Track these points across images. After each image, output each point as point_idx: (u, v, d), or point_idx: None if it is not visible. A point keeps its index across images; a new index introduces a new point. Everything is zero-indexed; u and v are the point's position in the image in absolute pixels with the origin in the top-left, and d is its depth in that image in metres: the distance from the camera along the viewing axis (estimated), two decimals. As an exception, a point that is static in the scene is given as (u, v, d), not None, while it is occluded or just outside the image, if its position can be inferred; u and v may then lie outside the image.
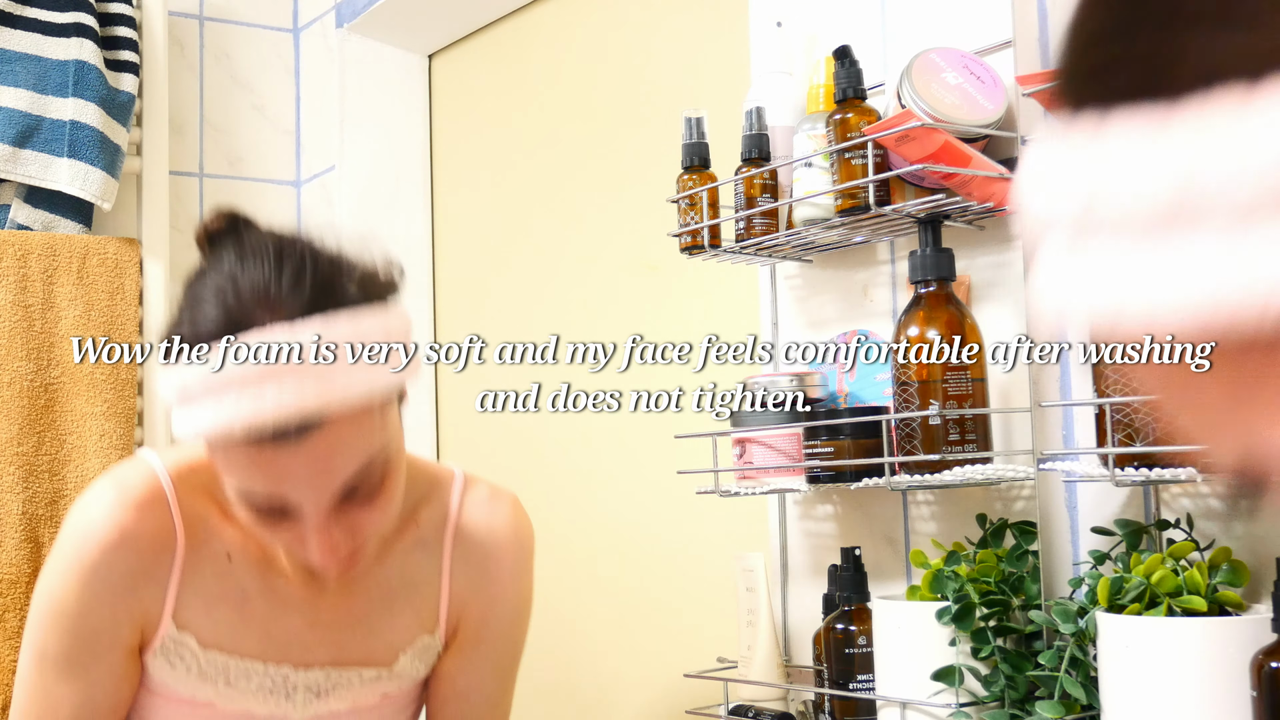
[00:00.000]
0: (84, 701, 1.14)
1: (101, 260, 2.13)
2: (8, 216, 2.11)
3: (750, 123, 1.42)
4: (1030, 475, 1.22)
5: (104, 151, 2.11)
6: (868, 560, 1.37)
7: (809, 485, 1.33)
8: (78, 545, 1.12)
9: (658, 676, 1.87)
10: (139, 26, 2.25)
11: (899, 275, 1.41)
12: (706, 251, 1.44)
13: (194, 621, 1.15)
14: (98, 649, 1.14)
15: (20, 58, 2.11)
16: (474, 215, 2.37)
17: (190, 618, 1.15)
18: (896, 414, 1.23)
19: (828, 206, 1.32)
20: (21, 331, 2.06)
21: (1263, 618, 0.97)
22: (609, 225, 2.02)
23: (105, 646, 1.14)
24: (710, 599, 1.76)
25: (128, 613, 1.13)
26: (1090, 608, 1.08)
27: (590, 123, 2.08)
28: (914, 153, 1.21)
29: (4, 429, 2.02)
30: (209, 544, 1.15)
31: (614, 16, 2.04)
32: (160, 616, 1.14)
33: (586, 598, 2.01)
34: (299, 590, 1.18)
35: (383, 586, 1.21)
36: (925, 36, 1.36)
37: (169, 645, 1.15)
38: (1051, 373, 1.24)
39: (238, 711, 1.17)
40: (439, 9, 2.29)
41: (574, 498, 2.05)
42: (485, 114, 2.35)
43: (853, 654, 1.28)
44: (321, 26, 2.47)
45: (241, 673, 1.17)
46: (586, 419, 2.03)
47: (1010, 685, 1.14)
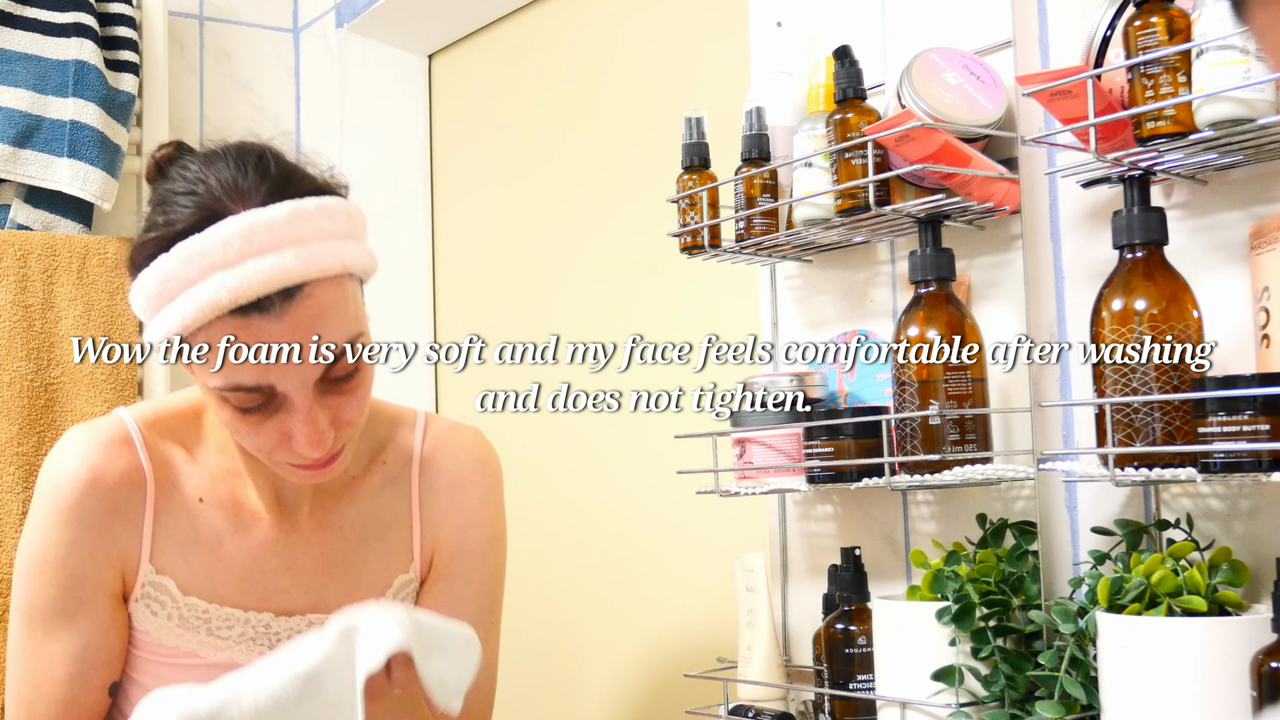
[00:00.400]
0: (76, 656, 1.15)
1: (101, 260, 2.13)
2: (8, 216, 2.11)
3: (750, 123, 1.42)
4: (1030, 475, 1.23)
5: (104, 151, 2.11)
6: (868, 560, 1.37)
7: (809, 485, 1.32)
8: (52, 491, 1.15)
9: (658, 676, 1.87)
10: (139, 26, 2.25)
11: (899, 275, 1.41)
12: (706, 251, 1.44)
13: (171, 565, 1.17)
14: (82, 596, 1.15)
15: (20, 58, 2.11)
16: (474, 215, 2.37)
17: (167, 562, 1.17)
18: (896, 414, 1.23)
19: (828, 206, 1.32)
20: (21, 331, 2.06)
21: (1263, 618, 0.97)
22: (609, 225, 2.02)
23: (89, 593, 1.15)
24: (710, 599, 1.76)
25: (106, 555, 1.16)
26: (1090, 608, 1.08)
27: (590, 123, 2.08)
28: (914, 153, 1.21)
29: (4, 429, 2.02)
30: (179, 487, 1.18)
31: (614, 17, 2.04)
32: (138, 559, 1.17)
33: (587, 597, 2.01)
34: (272, 531, 1.20)
35: (355, 526, 1.23)
36: (925, 36, 1.36)
37: (149, 591, 1.17)
38: (1051, 373, 1.24)
39: (223, 663, 1.18)
40: (439, 9, 2.29)
41: (574, 498, 2.05)
42: (485, 114, 2.35)
43: (853, 654, 1.28)
44: (321, 26, 2.47)
45: (223, 621, 1.18)
46: (586, 419, 2.03)
47: (1010, 685, 1.14)
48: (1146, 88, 1.03)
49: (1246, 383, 0.96)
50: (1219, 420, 0.96)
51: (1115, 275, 1.07)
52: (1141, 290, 1.05)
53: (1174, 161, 1.07)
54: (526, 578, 2.14)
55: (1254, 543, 1.08)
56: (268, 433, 1.07)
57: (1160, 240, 1.06)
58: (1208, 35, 0.99)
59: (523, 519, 2.17)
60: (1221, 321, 1.09)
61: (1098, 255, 1.21)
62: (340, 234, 1.06)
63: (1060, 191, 1.24)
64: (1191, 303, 1.05)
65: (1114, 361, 1.05)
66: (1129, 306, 1.05)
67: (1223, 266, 1.10)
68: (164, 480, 1.18)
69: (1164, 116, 1.03)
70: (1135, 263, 1.06)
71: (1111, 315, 1.06)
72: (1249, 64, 0.98)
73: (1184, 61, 1.02)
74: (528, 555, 2.15)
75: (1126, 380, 1.04)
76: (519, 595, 2.15)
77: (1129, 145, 1.08)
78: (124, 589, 1.18)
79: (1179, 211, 1.14)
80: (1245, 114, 0.99)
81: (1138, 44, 1.03)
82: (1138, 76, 1.04)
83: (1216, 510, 1.11)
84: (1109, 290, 1.07)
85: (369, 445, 1.26)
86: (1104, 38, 1.15)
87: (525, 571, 2.15)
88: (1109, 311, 1.06)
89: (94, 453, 1.16)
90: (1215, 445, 0.97)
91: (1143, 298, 1.05)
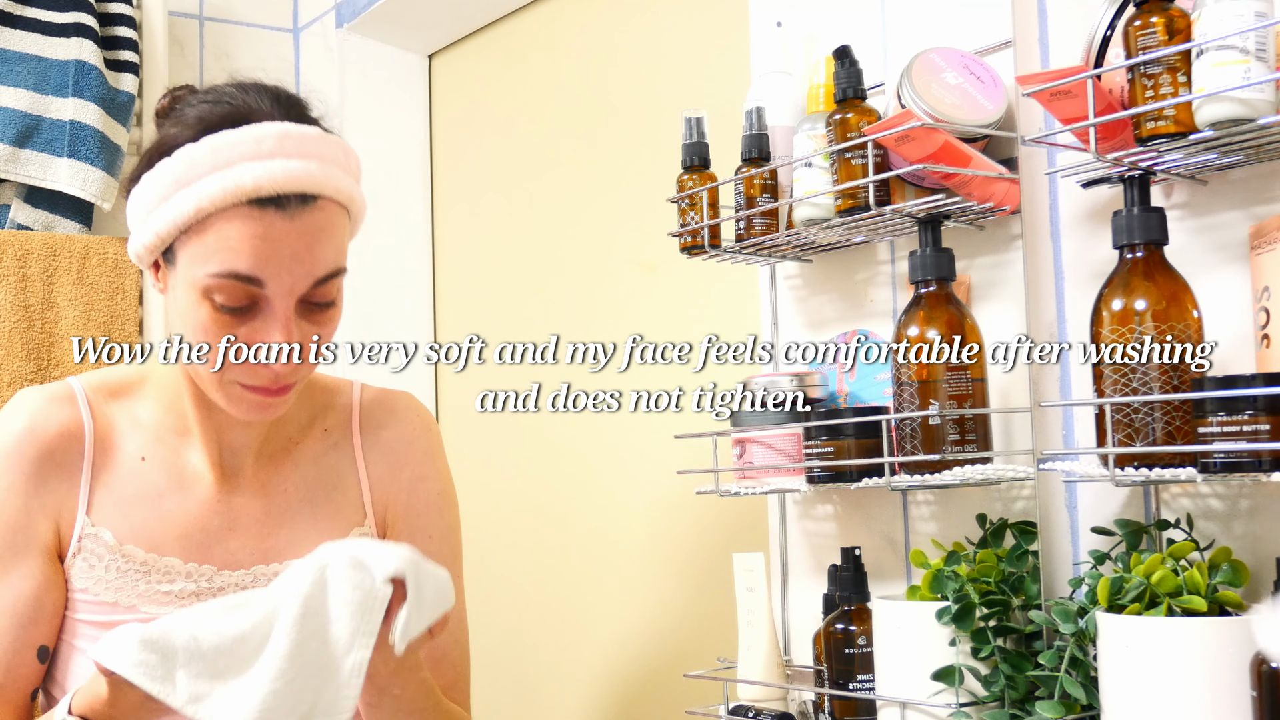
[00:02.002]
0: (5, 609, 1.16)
1: (101, 260, 2.13)
2: (8, 216, 2.11)
3: (750, 123, 1.42)
4: (1030, 475, 1.23)
5: (104, 151, 2.11)
6: (868, 560, 1.37)
7: (809, 485, 1.32)
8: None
9: (658, 676, 1.87)
10: (139, 26, 2.25)
11: (899, 275, 1.41)
12: (706, 251, 1.44)
13: (109, 519, 1.18)
14: (16, 544, 1.16)
15: (20, 58, 2.11)
16: (474, 215, 2.37)
17: (105, 515, 1.18)
18: (896, 414, 1.23)
19: (828, 206, 1.32)
20: (21, 331, 2.06)
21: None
22: (609, 225, 2.02)
23: (22, 542, 1.16)
24: (710, 599, 1.76)
25: (41, 505, 1.17)
26: (1090, 608, 1.08)
27: (590, 123, 2.08)
28: (914, 153, 1.21)
29: (4, 429, 2.02)
30: (121, 446, 1.20)
31: (614, 17, 2.04)
32: (74, 511, 1.18)
33: (586, 597, 2.01)
34: (213, 491, 1.21)
35: (300, 488, 1.25)
36: (925, 36, 1.36)
37: (86, 545, 1.18)
38: (1051, 373, 1.25)
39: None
40: (439, 9, 2.29)
41: (574, 498, 2.05)
42: (485, 114, 2.35)
43: (853, 654, 1.28)
44: (321, 26, 2.47)
45: (161, 572, 1.19)
46: (586, 419, 2.03)
47: (1010, 685, 1.14)
48: (1146, 88, 1.03)
49: (1247, 383, 0.96)
50: (1219, 420, 0.96)
51: (1115, 275, 1.07)
52: (1141, 290, 1.05)
53: (1174, 161, 1.07)
54: (526, 577, 2.14)
55: (1254, 543, 1.08)
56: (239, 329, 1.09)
57: (1160, 240, 1.06)
58: (1208, 35, 0.99)
59: (523, 519, 2.17)
60: (1221, 321, 1.09)
61: (1098, 255, 1.21)
62: (347, 169, 1.13)
63: (1060, 191, 1.24)
64: (1191, 303, 1.05)
65: (1114, 361, 1.05)
66: (1129, 306, 1.05)
67: (1223, 266, 1.10)
68: (104, 437, 1.20)
69: (1164, 116, 1.03)
70: (1135, 263, 1.06)
71: (1111, 315, 1.06)
72: (1249, 64, 0.98)
73: (1184, 61, 1.02)
74: (528, 555, 2.15)
75: (1126, 380, 1.04)
76: (519, 595, 2.15)
77: (1129, 145, 1.08)
78: (60, 546, 1.18)
79: (1179, 211, 1.14)
80: (1245, 114, 0.99)
81: (1138, 44, 1.03)
82: (1138, 76, 1.04)
83: (1216, 510, 1.11)
84: (1109, 290, 1.07)
85: (308, 410, 1.28)
86: (1104, 38, 1.15)
87: (525, 571, 2.15)
88: (1109, 311, 1.06)
89: (35, 405, 1.19)
90: (1215, 445, 0.97)
91: (1143, 298, 1.05)
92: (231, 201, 1.05)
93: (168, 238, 1.09)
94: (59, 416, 1.19)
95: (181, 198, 1.06)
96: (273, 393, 1.12)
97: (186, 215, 1.06)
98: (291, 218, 1.06)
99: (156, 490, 1.20)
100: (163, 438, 1.21)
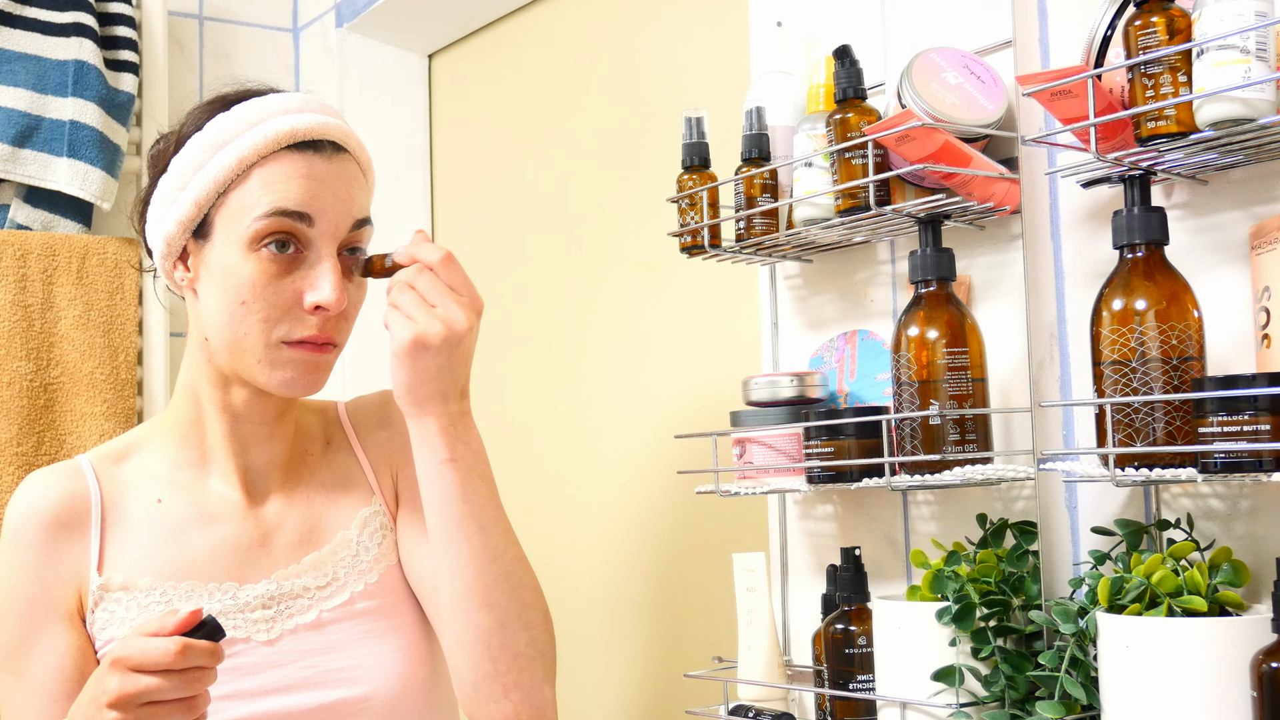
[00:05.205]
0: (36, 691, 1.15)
1: (101, 260, 2.13)
2: (7, 216, 2.11)
3: (750, 123, 1.42)
4: (1030, 475, 1.23)
5: (104, 151, 2.11)
6: (868, 560, 1.37)
7: (809, 485, 1.32)
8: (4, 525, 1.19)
9: (658, 676, 1.87)
10: (139, 26, 2.25)
11: (899, 275, 1.41)
12: (706, 251, 1.44)
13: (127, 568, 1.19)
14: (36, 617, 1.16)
15: (20, 57, 2.11)
16: (473, 215, 2.37)
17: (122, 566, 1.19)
18: (896, 414, 1.23)
19: (828, 206, 1.32)
20: (21, 331, 2.06)
21: (1263, 618, 0.97)
22: (608, 225, 2.02)
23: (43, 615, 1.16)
24: (710, 599, 1.76)
25: (56, 574, 1.17)
26: (1090, 608, 1.08)
27: (590, 122, 2.08)
28: (914, 152, 1.21)
29: (4, 429, 2.02)
30: (134, 500, 1.21)
31: (614, 16, 2.04)
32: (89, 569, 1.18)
33: (586, 597, 2.01)
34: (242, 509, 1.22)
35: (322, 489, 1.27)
36: (925, 36, 1.36)
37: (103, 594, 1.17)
38: (1051, 373, 1.24)
39: None
40: (439, 9, 2.29)
41: (574, 497, 2.05)
42: (485, 114, 2.35)
43: (852, 654, 1.28)
44: (321, 26, 2.47)
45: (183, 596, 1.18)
46: (586, 419, 2.03)
47: (1010, 685, 1.14)
48: (1147, 88, 1.03)
49: (1247, 383, 0.96)
50: (1219, 420, 0.96)
51: (1115, 275, 1.07)
52: (1142, 290, 1.05)
53: (1174, 161, 1.07)
54: (526, 578, 2.14)
55: (1254, 543, 1.08)
56: (284, 290, 1.13)
57: (1161, 240, 1.06)
58: (1208, 35, 0.99)
59: (522, 518, 2.17)
60: (1221, 321, 1.09)
61: (1098, 255, 1.21)
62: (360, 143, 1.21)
63: (1060, 191, 1.24)
64: (1192, 302, 1.05)
65: (1114, 361, 1.05)
66: (1129, 306, 1.05)
67: (1223, 266, 1.10)
68: (114, 496, 1.21)
69: (1164, 116, 1.03)
70: (1135, 262, 1.06)
71: (1112, 315, 1.06)
72: (1249, 64, 0.98)
73: (1184, 61, 1.02)
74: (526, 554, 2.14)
75: (1126, 380, 1.04)
76: (519, 595, 2.15)
77: (1129, 145, 1.08)
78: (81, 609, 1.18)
79: (1179, 211, 1.14)
80: (1245, 114, 0.99)
81: (1138, 44, 1.03)
82: (1138, 76, 1.04)
83: (1217, 510, 1.11)
84: (1109, 290, 1.07)
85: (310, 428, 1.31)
86: (1104, 37, 1.15)
87: (525, 571, 2.15)
88: (1109, 311, 1.06)
89: (41, 481, 1.21)
90: (1216, 445, 0.97)
91: (1143, 297, 1.05)
92: (273, 147, 1.12)
93: (205, 204, 1.13)
94: (64, 487, 1.20)
95: (221, 156, 1.12)
96: (318, 347, 1.15)
97: (229, 169, 1.11)
98: (329, 160, 1.14)
99: (178, 526, 1.20)
100: (177, 478, 1.22)
